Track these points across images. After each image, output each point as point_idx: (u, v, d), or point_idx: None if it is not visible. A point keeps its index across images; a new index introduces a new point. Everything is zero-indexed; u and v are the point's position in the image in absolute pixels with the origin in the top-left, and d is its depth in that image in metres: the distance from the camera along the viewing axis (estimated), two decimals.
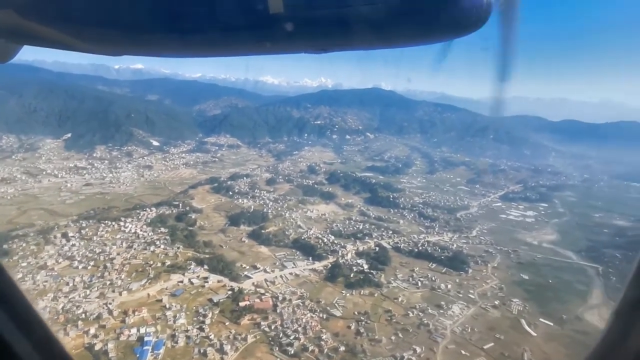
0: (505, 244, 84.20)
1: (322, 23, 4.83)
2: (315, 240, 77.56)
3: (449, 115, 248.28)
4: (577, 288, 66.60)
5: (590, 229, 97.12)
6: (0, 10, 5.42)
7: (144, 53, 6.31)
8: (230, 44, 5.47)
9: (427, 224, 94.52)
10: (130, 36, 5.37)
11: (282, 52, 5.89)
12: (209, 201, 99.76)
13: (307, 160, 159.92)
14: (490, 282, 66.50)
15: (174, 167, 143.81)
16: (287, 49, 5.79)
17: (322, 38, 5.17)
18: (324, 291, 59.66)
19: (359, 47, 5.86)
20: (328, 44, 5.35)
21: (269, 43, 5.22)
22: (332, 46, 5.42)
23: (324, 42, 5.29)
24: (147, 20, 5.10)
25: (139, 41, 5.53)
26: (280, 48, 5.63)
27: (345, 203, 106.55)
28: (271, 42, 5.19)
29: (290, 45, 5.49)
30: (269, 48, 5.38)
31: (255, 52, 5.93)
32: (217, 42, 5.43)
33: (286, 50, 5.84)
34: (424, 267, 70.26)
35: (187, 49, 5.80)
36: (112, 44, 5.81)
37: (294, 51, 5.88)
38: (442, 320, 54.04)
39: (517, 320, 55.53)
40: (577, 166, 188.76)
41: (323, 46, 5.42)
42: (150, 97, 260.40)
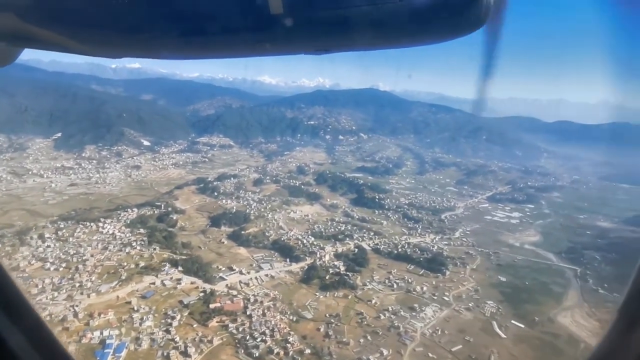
0: (487, 246, 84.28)
1: (323, 24, 4.80)
2: (295, 241, 77.52)
3: (443, 115, 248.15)
4: (553, 290, 66.75)
5: (573, 230, 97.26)
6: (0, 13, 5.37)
7: (144, 55, 6.24)
8: (229, 46, 5.47)
9: (411, 225, 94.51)
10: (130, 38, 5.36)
11: (282, 53, 5.88)
12: (193, 202, 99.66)
13: (297, 161, 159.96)
14: (467, 284, 66.56)
15: (162, 167, 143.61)
16: (287, 50, 5.77)
17: (322, 39, 5.14)
18: (297, 293, 59.63)
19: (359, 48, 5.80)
20: (328, 44, 5.32)
21: (269, 44, 5.16)
22: (332, 47, 5.40)
23: (324, 43, 5.26)
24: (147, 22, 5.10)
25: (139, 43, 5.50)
26: (280, 49, 5.60)
27: (331, 204, 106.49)
28: (271, 43, 5.13)
29: (290, 46, 5.47)
30: (268, 49, 5.32)
31: (255, 53, 5.80)
32: (217, 44, 5.42)
33: (286, 51, 5.81)
34: (402, 269, 70.29)
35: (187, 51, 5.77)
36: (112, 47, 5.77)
37: (294, 52, 5.82)
38: (414, 323, 54.09)
39: (489, 322, 55.67)
40: (568, 167, 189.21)
41: (323, 47, 5.38)
42: (144, 97, 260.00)
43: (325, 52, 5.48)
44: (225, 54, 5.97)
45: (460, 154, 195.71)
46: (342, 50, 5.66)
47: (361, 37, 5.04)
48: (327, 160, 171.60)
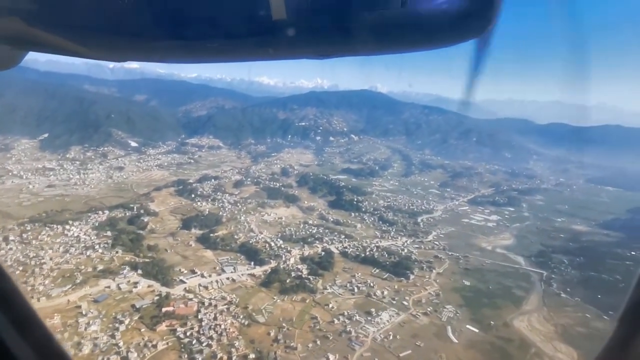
0: (458, 249, 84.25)
1: (325, 29, 4.82)
2: (263, 244, 77.56)
3: (435, 117, 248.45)
4: (516, 294, 66.70)
5: (548, 233, 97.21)
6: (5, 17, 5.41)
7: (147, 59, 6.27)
8: (232, 50, 5.44)
9: (385, 228, 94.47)
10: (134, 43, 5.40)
11: (285, 58, 5.79)
12: (169, 204, 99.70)
13: (283, 162, 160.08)
14: (429, 288, 66.51)
15: (146, 168, 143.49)
16: (289, 55, 5.75)
17: (325, 44, 5.14)
18: (255, 297, 59.61)
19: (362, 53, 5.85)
20: (331, 50, 5.28)
21: (272, 49, 5.16)
22: (335, 52, 5.34)
23: (327, 48, 5.24)
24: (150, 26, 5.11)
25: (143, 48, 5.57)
26: (283, 54, 5.57)
27: (307, 206, 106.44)
28: (274, 48, 5.14)
29: (293, 51, 5.46)
30: (271, 54, 5.29)
31: (257, 58, 5.81)
32: (220, 49, 5.35)
33: (288, 56, 5.78)
34: (366, 273, 70.27)
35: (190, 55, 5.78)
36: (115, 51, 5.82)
37: (297, 57, 5.79)
38: (367, 328, 54.04)
39: (444, 327, 55.58)
40: (556, 169, 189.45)
41: (326, 52, 5.34)
42: (137, 98, 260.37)
43: (328, 56, 5.45)
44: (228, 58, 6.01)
45: (449, 155, 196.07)
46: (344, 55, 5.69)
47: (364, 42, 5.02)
48: (314, 162, 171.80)
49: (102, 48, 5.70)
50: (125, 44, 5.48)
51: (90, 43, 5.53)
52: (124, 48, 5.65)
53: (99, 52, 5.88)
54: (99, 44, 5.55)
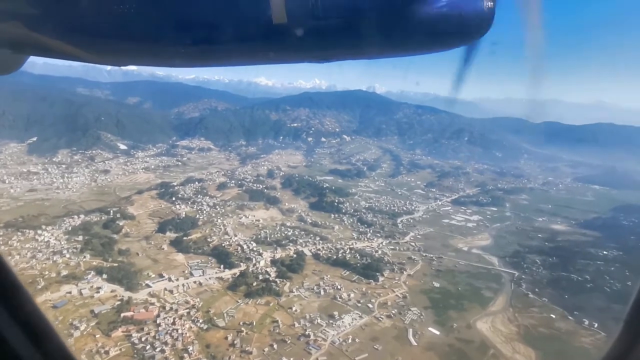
0: (433, 250, 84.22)
1: (326, 33, 4.94)
2: (235, 247, 77.58)
3: (428, 117, 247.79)
4: (484, 295, 66.63)
5: (527, 233, 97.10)
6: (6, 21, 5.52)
7: (149, 63, 6.45)
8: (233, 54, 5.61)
9: (362, 229, 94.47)
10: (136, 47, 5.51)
11: (286, 61, 6.02)
12: (148, 207, 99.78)
13: (271, 164, 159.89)
14: (397, 290, 66.47)
15: (132, 171, 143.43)
16: (290, 59, 5.91)
17: (325, 48, 5.29)
18: (220, 300, 59.68)
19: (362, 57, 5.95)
20: (331, 54, 5.48)
21: (273, 53, 5.33)
22: (335, 56, 5.56)
23: (328, 52, 5.43)
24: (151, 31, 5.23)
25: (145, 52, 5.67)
26: (284, 58, 5.75)
27: (287, 208, 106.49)
28: (274, 52, 5.30)
29: (294, 55, 5.60)
30: (272, 58, 5.49)
31: (258, 61, 6.02)
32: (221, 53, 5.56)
33: (289, 59, 5.94)
34: (336, 275, 70.28)
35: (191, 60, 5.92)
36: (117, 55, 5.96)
37: (298, 60, 5.97)
38: (327, 331, 54.05)
39: (405, 330, 55.56)
40: (545, 168, 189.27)
41: (326, 56, 5.56)
42: (130, 100, 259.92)
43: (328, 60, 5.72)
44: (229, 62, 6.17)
45: (440, 155, 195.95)
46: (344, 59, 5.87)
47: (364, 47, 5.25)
48: (302, 163, 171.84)
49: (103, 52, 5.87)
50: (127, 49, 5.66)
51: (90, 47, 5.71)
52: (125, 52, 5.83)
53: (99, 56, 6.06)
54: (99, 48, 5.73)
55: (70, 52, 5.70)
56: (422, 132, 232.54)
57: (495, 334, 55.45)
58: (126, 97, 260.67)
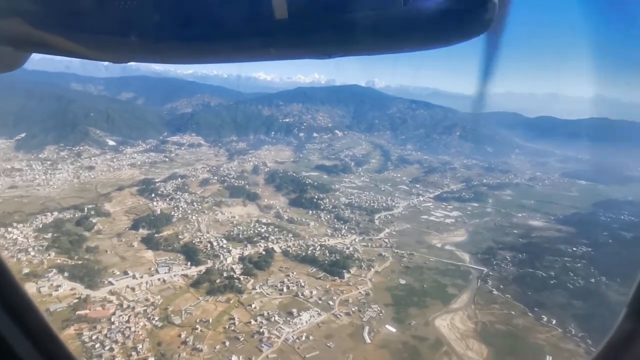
0: (406, 247, 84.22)
1: (328, 29, 4.94)
2: (206, 244, 77.83)
3: (421, 112, 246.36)
4: (448, 292, 66.73)
5: (503, 229, 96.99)
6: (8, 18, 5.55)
7: (150, 60, 6.48)
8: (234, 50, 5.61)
9: (338, 226, 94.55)
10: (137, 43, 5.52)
11: (287, 57, 6.02)
12: (126, 204, 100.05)
13: (258, 160, 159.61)
14: (361, 287, 66.65)
15: (117, 167, 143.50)
16: (292, 55, 5.93)
17: (327, 44, 5.29)
18: (181, 298, 60.02)
19: (363, 53, 5.94)
20: (333, 49, 5.46)
21: (274, 49, 5.34)
22: (336, 52, 5.53)
23: (329, 48, 5.41)
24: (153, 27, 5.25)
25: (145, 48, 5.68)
26: (285, 54, 5.77)
27: (266, 205, 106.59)
28: (276, 48, 5.31)
29: (295, 51, 5.63)
30: (273, 54, 5.50)
31: (259, 57, 6.02)
32: (222, 49, 5.58)
33: (291, 55, 5.96)
34: (302, 272, 70.46)
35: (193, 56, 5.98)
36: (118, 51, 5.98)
37: (299, 57, 5.99)
38: (282, 329, 54.33)
39: (362, 327, 55.78)
40: (535, 163, 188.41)
41: (327, 52, 5.54)
42: (124, 95, 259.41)
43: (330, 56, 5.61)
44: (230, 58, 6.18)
45: (430, 150, 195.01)
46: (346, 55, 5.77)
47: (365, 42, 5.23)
48: (290, 159, 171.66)
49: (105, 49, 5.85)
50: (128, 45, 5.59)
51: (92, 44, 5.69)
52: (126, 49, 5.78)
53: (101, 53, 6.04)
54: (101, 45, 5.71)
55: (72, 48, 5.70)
56: (415, 127, 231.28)
57: (452, 331, 55.61)
58: (120, 92, 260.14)
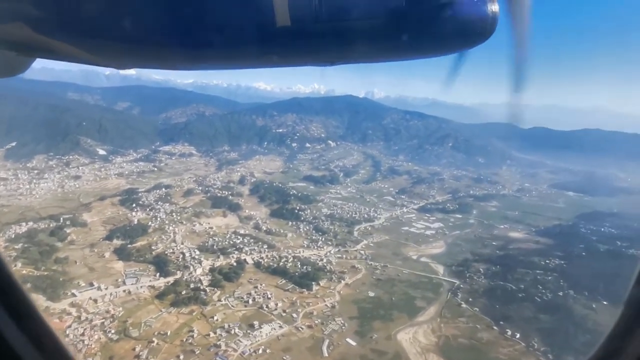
0: (381, 259, 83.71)
1: (329, 37, 4.96)
2: (178, 255, 77.56)
3: (415, 122, 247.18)
4: (416, 305, 66.03)
5: (483, 241, 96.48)
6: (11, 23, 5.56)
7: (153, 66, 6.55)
8: (237, 57, 5.66)
9: (315, 237, 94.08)
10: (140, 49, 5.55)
11: (289, 64, 6.06)
12: (105, 214, 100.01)
13: (246, 170, 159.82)
14: (328, 300, 66.05)
15: (104, 177, 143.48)
16: (294, 62, 5.94)
17: (329, 51, 5.34)
18: (143, 310, 59.55)
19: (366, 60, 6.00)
20: (335, 57, 5.50)
21: (276, 56, 5.36)
22: (338, 59, 5.55)
23: (331, 55, 5.45)
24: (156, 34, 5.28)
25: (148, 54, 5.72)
26: (287, 61, 5.81)
27: (246, 215, 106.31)
28: (278, 55, 5.33)
29: (297, 58, 5.66)
30: (276, 61, 5.53)
31: (262, 64, 6.02)
32: (225, 55, 5.60)
33: (293, 63, 5.98)
34: (271, 284, 69.95)
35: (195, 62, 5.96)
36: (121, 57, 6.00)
37: (301, 64, 5.99)
38: (241, 341, 53.77)
39: (322, 340, 55.15)
40: (525, 174, 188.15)
41: (330, 59, 5.56)
42: (120, 105, 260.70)
43: (332, 64, 5.68)
44: (233, 65, 6.25)
45: (422, 161, 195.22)
46: (348, 62, 5.87)
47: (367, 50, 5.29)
48: (280, 169, 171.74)
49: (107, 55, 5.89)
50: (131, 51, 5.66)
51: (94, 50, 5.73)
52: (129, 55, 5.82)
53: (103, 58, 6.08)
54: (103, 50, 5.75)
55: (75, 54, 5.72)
56: (408, 137, 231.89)
57: (413, 345, 54.90)
58: (116, 102, 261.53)
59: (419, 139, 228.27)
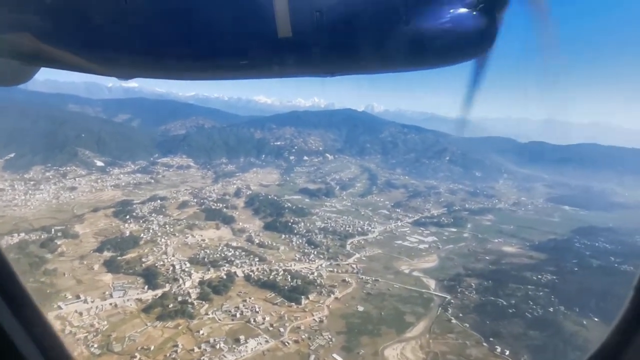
0: (372, 273, 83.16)
1: (331, 48, 5.06)
2: (168, 268, 77.15)
3: (413, 136, 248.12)
4: (405, 320, 65.31)
5: (476, 255, 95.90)
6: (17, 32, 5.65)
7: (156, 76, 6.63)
8: (239, 68, 5.70)
9: (308, 250, 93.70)
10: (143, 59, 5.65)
11: (290, 75, 6.11)
12: (97, 225, 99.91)
13: (243, 182, 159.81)
14: (317, 314, 65.43)
15: (100, 188, 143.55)
16: (295, 73, 6.01)
17: (330, 63, 5.42)
18: (129, 323, 58.99)
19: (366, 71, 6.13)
20: (336, 68, 5.60)
21: (278, 67, 5.43)
22: (339, 70, 5.67)
23: (332, 66, 5.55)
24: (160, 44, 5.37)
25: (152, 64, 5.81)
26: (288, 72, 5.85)
27: (240, 228, 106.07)
28: (279, 66, 5.39)
29: (298, 69, 5.71)
30: (277, 72, 5.61)
31: (263, 75, 6.11)
32: (226, 66, 5.68)
33: (294, 74, 6.05)
34: (260, 298, 69.41)
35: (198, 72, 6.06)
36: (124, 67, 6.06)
37: (302, 75, 6.10)
38: (226, 356, 53.14)
39: (308, 356, 54.46)
40: (522, 188, 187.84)
41: (331, 70, 5.65)
42: (120, 117, 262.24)
43: (333, 75, 5.77)
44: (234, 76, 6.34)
45: (419, 175, 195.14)
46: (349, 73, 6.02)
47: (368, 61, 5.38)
48: (276, 182, 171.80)
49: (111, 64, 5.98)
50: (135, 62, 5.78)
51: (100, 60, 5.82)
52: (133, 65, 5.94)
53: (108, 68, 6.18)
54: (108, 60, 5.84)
55: (79, 63, 5.79)
56: (406, 151, 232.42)
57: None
58: (117, 114, 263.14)
59: (416, 152, 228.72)
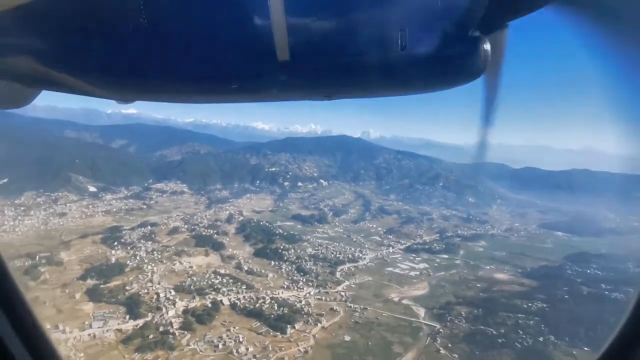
0: (361, 301, 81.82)
1: (330, 71, 5.05)
2: (152, 296, 75.69)
3: (407, 162, 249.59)
4: (393, 351, 63.94)
5: (467, 283, 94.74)
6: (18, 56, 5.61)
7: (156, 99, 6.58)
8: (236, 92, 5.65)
9: (297, 278, 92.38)
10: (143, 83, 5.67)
11: (289, 99, 6.09)
12: (84, 252, 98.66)
13: (236, 208, 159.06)
14: (302, 344, 63.95)
15: (91, 214, 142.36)
16: (293, 97, 6.01)
17: (329, 86, 5.41)
18: (106, 356, 57.36)
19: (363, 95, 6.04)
20: (335, 92, 5.57)
21: (276, 90, 5.42)
22: (337, 94, 5.64)
23: (331, 90, 5.52)
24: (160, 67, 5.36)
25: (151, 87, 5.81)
26: (287, 96, 5.87)
27: (229, 255, 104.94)
28: (278, 89, 5.38)
29: (297, 93, 5.73)
30: (275, 95, 5.60)
31: (261, 99, 6.13)
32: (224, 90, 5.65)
33: (292, 97, 6.03)
34: (245, 327, 67.90)
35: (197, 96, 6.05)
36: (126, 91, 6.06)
37: (301, 98, 6.06)
38: None
39: None
40: (515, 214, 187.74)
41: (329, 94, 5.63)
42: (117, 142, 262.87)
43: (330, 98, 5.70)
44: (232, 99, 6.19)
45: (412, 201, 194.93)
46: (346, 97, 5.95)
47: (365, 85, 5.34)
48: (269, 208, 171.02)
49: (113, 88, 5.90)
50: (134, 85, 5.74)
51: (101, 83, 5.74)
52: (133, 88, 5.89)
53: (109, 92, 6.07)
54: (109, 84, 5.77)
55: (80, 86, 5.80)
56: (400, 177, 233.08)
57: None
58: (113, 139, 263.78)
59: (410, 178, 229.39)
